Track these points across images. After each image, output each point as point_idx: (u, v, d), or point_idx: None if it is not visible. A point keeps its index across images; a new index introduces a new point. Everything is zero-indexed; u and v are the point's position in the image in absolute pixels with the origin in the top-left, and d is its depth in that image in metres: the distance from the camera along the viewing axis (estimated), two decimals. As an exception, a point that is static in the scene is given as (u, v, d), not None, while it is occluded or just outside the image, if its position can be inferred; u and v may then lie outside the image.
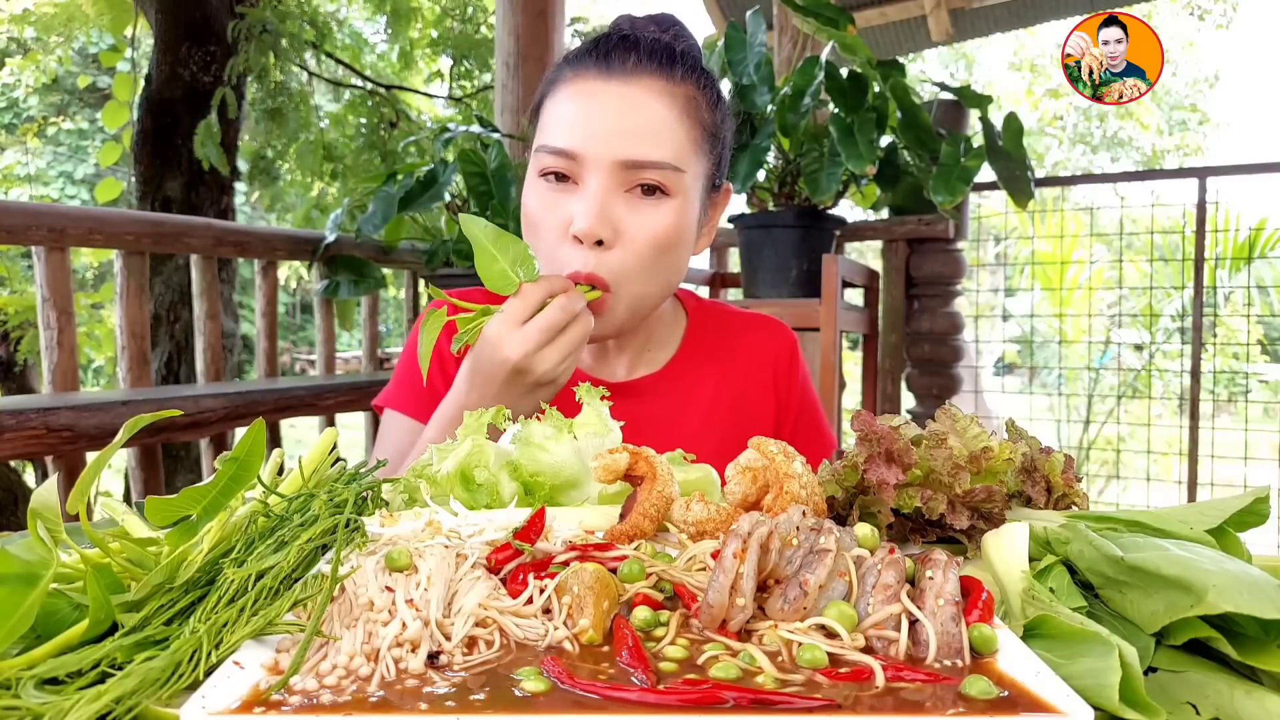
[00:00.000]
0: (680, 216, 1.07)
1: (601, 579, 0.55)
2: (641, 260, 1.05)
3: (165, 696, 0.44)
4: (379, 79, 6.32)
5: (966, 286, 3.71)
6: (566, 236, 1.04)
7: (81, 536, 0.66)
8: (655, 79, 1.05)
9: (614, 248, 1.04)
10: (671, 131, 1.05)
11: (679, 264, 1.12)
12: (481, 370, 0.99)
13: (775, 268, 2.80)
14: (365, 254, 3.22)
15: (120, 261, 2.51)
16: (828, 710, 0.42)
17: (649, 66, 1.06)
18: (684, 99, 1.06)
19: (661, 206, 1.05)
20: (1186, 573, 0.50)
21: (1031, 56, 14.95)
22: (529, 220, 1.09)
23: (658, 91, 1.05)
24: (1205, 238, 3.72)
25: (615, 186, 1.03)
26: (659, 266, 1.07)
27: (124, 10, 5.26)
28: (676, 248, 1.08)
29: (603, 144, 1.02)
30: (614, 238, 1.04)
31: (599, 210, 1.02)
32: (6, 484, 3.69)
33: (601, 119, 1.03)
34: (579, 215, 1.02)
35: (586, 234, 1.02)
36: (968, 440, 0.73)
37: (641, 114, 1.04)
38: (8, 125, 12.17)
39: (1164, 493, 4.42)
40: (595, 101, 1.04)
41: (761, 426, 1.27)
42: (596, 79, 1.05)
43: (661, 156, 1.03)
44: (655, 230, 1.05)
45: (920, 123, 2.76)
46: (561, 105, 1.06)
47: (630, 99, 1.04)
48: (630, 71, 1.05)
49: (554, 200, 1.06)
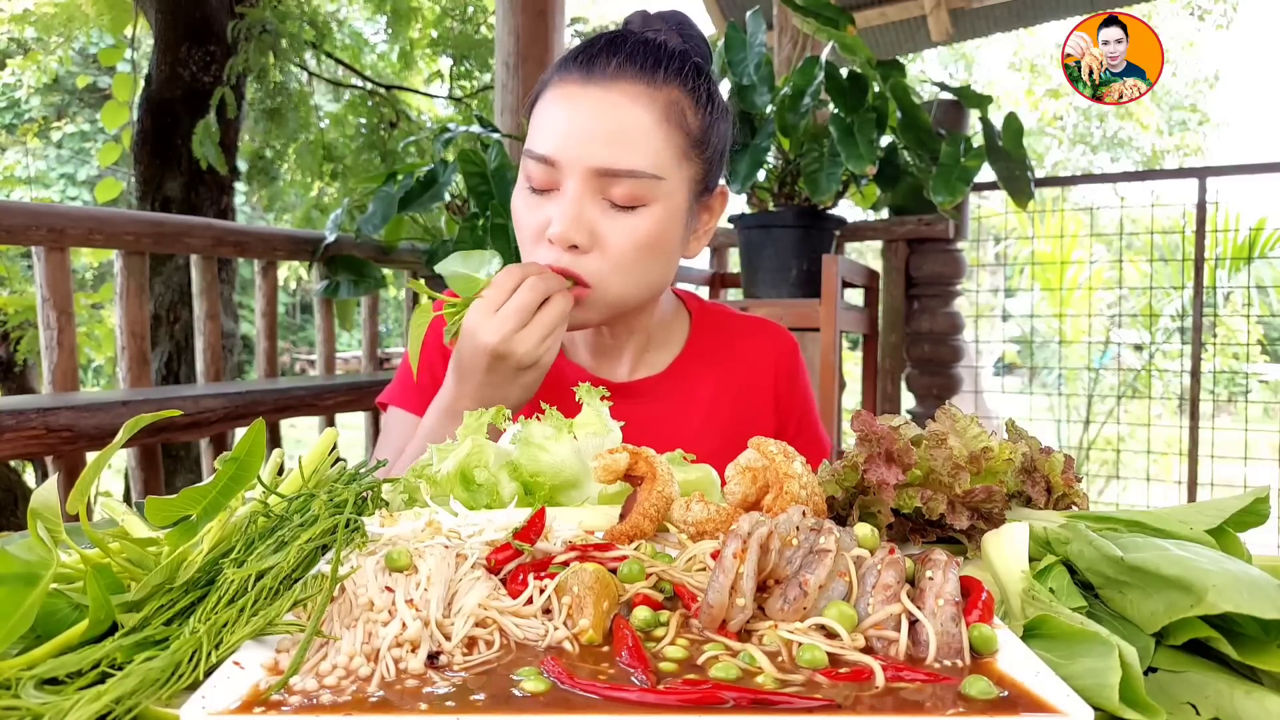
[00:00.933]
0: (660, 224, 1.05)
1: (601, 579, 0.55)
2: (619, 265, 1.05)
3: (165, 696, 0.44)
4: (379, 79, 6.32)
5: (966, 286, 3.71)
6: (543, 239, 1.05)
7: (81, 536, 0.66)
8: (634, 83, 1.03)
9: (590, 253, 1.04)
10: (648, 138, 1.02)
11: (662, 268, 1.11)
12: (464, 362, 1.00)
13: (775, 268, 2.81)
14: (365, 254, 3.22)
15: (120, 261, 2.51)
16: (828, 710, 0.42)
17: (629, 70, 1.04)
18: (665, 103, 1.04)
19: (639, 215, 1.04)
20: (1186, 573, 0.50)
21: (1031, 56, 14.95)
22: (515, 222, 1.11)
23: (635, 96, 1.03)
24: (1205, 238, 3.72)
25: (591, 193, 1.03)
26: (638, 271, 1.07)
27: (124, 10, 5.26)
28: (656, 254, 1.07)
29: (577, 150, 1.01)
30: (590, 243, 1.03)
31: (574, 216, 1.02)
32: (6, 484, 3.69)
33: (578, 124, 1.02)
34: (555, 220, 1.03)
35: (560, 238, 1.02)
36: (968, 440, 0.73)
37: (618, 119, 1.02)
38: (8, 126, 12.17)
39: (1164, 493, 4.42)
40: (574, 106, 1.03)
41: (761, 430, 1.26)
42: (577, 83, 1.04)
43: (636, 164, 1.01)
44: (633, 238, 1.04)
45: (920, 123, 2.76)
46: (545, 109, 1.07)
47: (607, 104, 1.02)
48: (610, 76, 1.03)
49: (535, 203, 1.06)
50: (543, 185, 1.05)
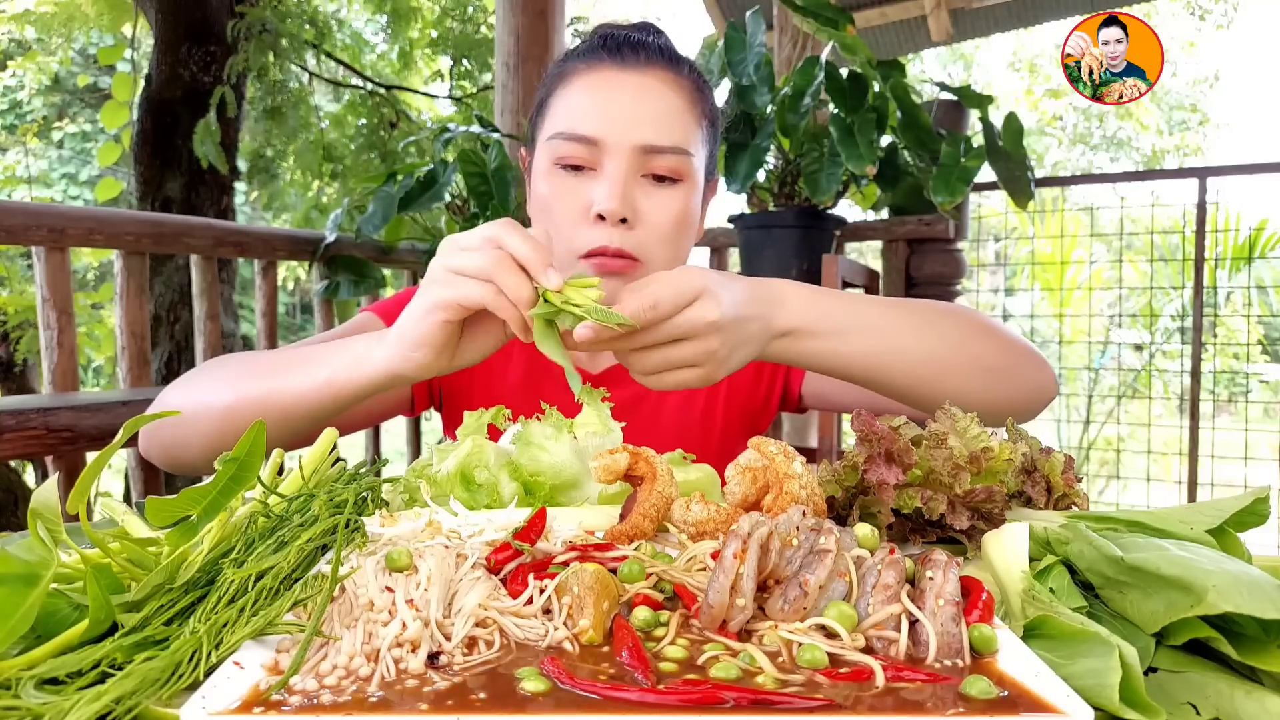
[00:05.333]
0: (691, 199, 1.12)
1: (601, 579, 0.55)
2: (662, 238, 1.10)
3: (165, 696, 0.44)
4: (379, 79, 6.32)
5: (966, 286, 3.71)
6: (587, 218, 1.07)
7: (81, 536, 0.66)
8: (665, 71, 1.12)
9: (635, 228, 1.08)
10: (682, 119, 1.11)
11: (688, 244, 1.17)
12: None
13: (775, 268, 2.80)
14: (365, 254, 3.22)
15: (120, 262, 2.51)
16: (828, 710, 0.42)
17: (659, 60, 1.12)
18: (690, 89, 1.13)
19: (676, 190, 1.10)
20: (1186, 573, 0.50)
21: (1031, 56, 14.95)
22: (543, 206, 1.12)
23: (668, 81, 1.11)
24: (1205, 238, 3.72)
25: (633, 170, 1.08)
26: (676, 245, 1.12)
27: (124, 10, 5.26)
28: (689, 228, 1.14)
29: (622, 129, 1.07)
30: (635, 218, 1.08)
31: (622, 192, 1.06)
32: (6, 484, 3.69)
33: (621, 105, 1.08)
34: (603, 197, 1.06)
35: (613, 213, 1.05)
36: (968, 440, 0.73)
37: (656, 101, 1.09)
38: (9, 126, 12.17)
39: (1164, 493, 4.42)
40: (613, 90, 1.09)
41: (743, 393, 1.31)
42: (612, 69, 1.11)
43: (675, 141, 1.09)
44: (672, 212, 1.10)
45: (920, 123, 2.76)
46: (576, 95, 1.11)
47: (646, 88, 1.10)
48: (644, 63, 1.11)
49: (571, 186, 1.09)
50: (580, 164, 1.08)
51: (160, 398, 1.03)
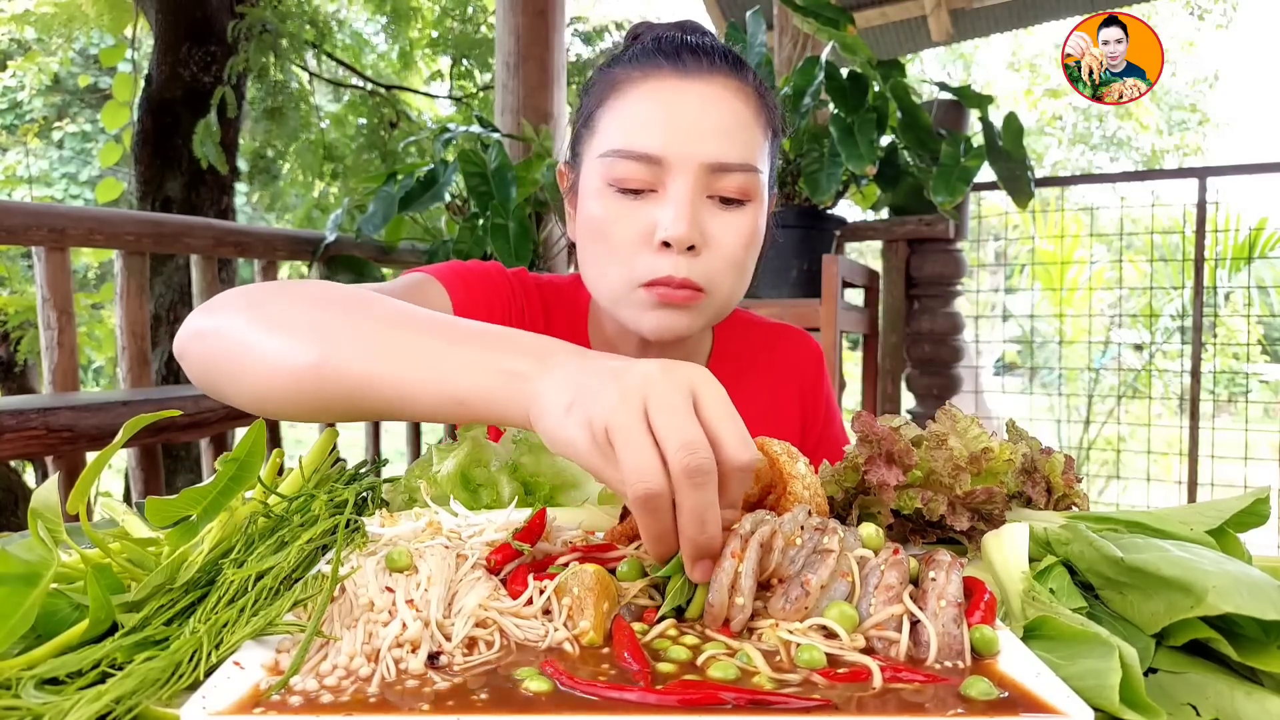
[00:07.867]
0: (759, 219, 1.03)
1: (601, 580, 0.55)
2: (730, 264, 1.00)
3: (165, 696, 0.44)
4: (379, 79, 6.32)
5: (966, 286, 3.71)
6: (649, 244, 0.97)
7: (81, 536, 0.66)
8: (730, 78, 1.00)
9: (702, 254, 0.98)
10: (750, 132, 1.00)
11: (752, 267, 1.07)
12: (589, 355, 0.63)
13: (775, 268, 2.80)
14: (365, 254, 3.22)
15: (120, 261, 2.51)
16: (825, 711, 0.42)
17: (723, 66, 1.01)
18: (756, 99, 1.02)
19: (744, 211, 1.00)
20: (1186, 574, 0.50)
21: (1031, 56, 14.95)
22: (597, 230, 1.00)
23: (734, 90, 1.00)
24: (1205, 238, 3.72)
25: (699, 190, 0.97)
26: (742, 269, 1.03)
27: (124, 10, 5.26)
28: (754, 251, 1.04)
29: (687, 145, 0.96)
30: (703, 244, 0.98)
31: (690, 215, 0.95)
32: (6, 484, 3.69)
33: (685, 119, 0.97)
34: (670, 222, 0.95)
35: (681, 240, 0.95)
36: (968, 441, 0.73)
37: (723, 114, 0.98)
38: (9, 126, 12.17)
39: (1164, 493, 4.42)
40: (677, 101, 0.97)
41: (788, 437, 1.24)
42: (673, 78, 0.98)
43: (744, 157, 0.98)
44: (741, 235, 1.00)
45: (920, 123, 2.76)
46: (634, 106, 0.99)
47: (710, 97, 0.98)
48: (707, 71, 0.99)
49: (631, 207, 0.98)
50: (641, 186, 0.97)
51: (221, 302, 0.79)
